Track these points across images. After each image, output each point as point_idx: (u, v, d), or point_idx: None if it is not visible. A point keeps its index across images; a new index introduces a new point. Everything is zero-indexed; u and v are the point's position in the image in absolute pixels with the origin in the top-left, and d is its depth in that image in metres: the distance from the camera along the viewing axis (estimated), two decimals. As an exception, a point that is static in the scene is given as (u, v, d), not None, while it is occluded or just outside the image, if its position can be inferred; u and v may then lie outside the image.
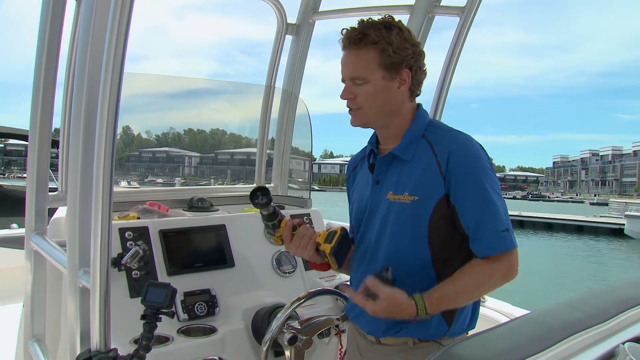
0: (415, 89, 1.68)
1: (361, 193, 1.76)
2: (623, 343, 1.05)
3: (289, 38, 3.29)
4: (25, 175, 2.21)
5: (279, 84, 3.36)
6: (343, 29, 1.63)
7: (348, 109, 1.65)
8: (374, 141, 1.75)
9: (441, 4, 2.75)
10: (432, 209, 1.54)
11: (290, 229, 1.66)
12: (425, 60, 1.70)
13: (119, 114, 1.29)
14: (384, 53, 1.58)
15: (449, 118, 2.79)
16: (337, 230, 1.63)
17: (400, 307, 1.49)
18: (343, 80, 1.65)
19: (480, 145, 1.59)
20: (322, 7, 3.22)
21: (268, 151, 3.48)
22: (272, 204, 1.64)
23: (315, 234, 1.67)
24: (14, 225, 4.78)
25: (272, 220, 1.66)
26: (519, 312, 2.62)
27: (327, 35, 1.70)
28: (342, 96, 1.63)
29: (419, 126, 1.65)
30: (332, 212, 2.97)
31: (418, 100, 1.72)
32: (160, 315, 1.44)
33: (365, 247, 1.70)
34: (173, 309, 2.08)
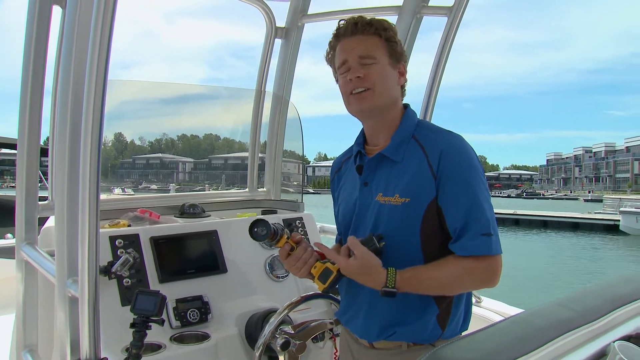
0: (404, 87, 1.68)
1: (348, 194, 1.73)
2: (614, 342, 1.04)
3: (278, 42, 3.28)
4: (18, 184, 2.20)
5: (270, 87, 3.36)
6: (341, 20, 1.62)
7: (355, 92, 1.59)
8: (361, 142, 1.72)
9: (429, 4, 2.75)
10: (424, 210, 1.52)
11: (287, 250, 1.62)
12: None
13: (104, 120, 1.28)
14: (390, 41, 1.60)
15: (442, 118, 2.80)
16: (333, 271, 1.58)
17: (370, 271, 1.49)
18: (344, 65, 1.60)
19: (470, 146, 1.58)
20: (311, 10, 3.22)
21: (260, 155, 3.48)
22: (271, 230, 1.59)
23: (313, 258, 1.62)
24: (9, 235, 4.75)
25: (271, 241, 1.64)
26: (514, 311, 2.61)
27: (317, 38, 1.68)
28: (351, 75, 1.57)
29: (409, 126, 1.63)
30: (324, 214, 2.96)
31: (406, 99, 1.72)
32: (150, 323, 1.43)
33: None
34: (164, 316, 2.07)
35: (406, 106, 1.70)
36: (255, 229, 1.58)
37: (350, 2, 3.25)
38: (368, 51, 1.57)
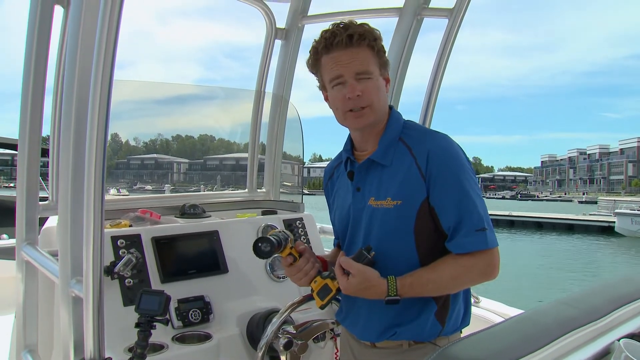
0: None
1: (342, 201, 1.74)
2: (618, 340, 1.05)
3: (277, 43, 3.29)
4: (12, 184, 2.20)
5: (269, 88, 3.36)
6: (326, 31, 1.61)
7: (353, 110, 1.59)
8: (349, 148, 1.73)
9: (429, 6, 2.76)
10: (416, 212, 1.55)
11: (289, 261, 1.65)
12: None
13: (109, 120, 1.28)
14: (380, 52, 1.62)
15: (434, 120, 2.80)
16: (332, 289, 1.60)
17: (370, 284, 1.51)
18: (338, 79, 1.59)
19: (458, 145, 1.60)
20: (311, 12, 3.23)
21: (259, 156, 3.47)
22: (275, 245, 1.60)
23: (314, 270, 1.64)
24: (4, 235, 4.74)
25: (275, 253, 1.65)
26: (513, 312, 2.62)
27: (311, 40, 1.68)
28: (350, 94, 1.56)
29: (395, 129, 1.65)
30: (320, 216, 2.97)
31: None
32: (154, 323, 1.43)
33: None
34: (167, 316, 2.07)
35: (391, 107, 1.71)
36: (260, 245, 1.59)
37: (350, 3, 3.26)
38: (364, 66, 1.57)
